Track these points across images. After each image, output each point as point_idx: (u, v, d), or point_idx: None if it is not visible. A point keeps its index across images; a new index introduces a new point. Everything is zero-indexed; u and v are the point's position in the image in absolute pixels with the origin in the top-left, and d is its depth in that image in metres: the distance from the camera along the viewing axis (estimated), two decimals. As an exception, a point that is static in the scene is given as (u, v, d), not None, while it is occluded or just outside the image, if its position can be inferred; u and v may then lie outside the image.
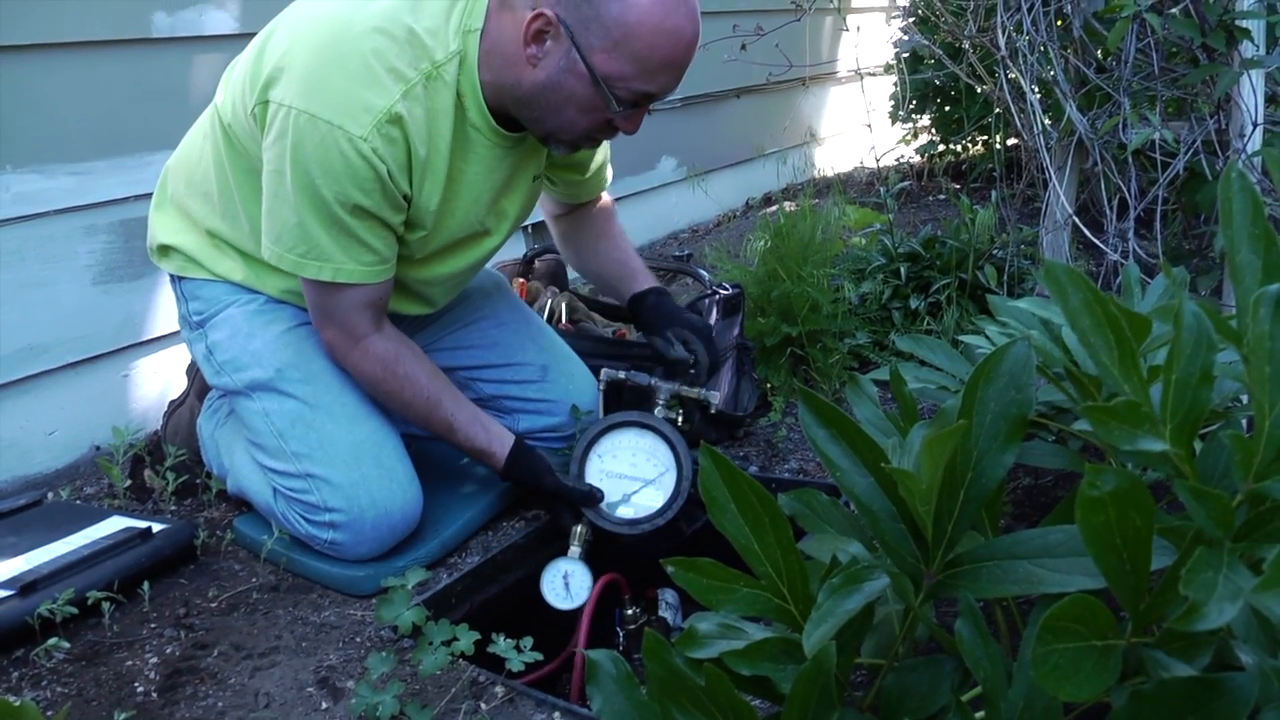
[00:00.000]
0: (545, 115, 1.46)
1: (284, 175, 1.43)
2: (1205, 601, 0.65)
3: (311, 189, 1.41)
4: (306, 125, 1.38)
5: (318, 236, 1.45)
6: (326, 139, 1.38)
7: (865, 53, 3.96)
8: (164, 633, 1.47)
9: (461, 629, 1.33)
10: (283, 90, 1.40)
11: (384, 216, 1.47)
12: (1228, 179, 0.82)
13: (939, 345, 1.45)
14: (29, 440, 2.07)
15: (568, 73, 1.40)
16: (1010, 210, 2.48)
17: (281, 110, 1.40)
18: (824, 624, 0.87)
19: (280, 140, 1.41)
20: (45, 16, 1.96)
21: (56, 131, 2.02)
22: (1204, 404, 0.73)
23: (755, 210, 4.09)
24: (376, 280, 1.52)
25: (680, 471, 1.62)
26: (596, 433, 1.66)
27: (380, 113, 1.39)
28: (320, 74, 1.39)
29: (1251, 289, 0.78)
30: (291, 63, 1.41)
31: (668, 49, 1.38)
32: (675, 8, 1.36)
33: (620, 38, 1.36)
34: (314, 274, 1.49)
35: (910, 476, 0.87)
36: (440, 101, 1.45)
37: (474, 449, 1.65)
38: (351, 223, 1.44)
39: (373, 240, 1.48)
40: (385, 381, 1.59)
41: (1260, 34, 1.79)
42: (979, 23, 2.39)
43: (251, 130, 1.49)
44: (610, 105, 1.42)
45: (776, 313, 2.17)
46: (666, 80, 1.42)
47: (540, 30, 1.38)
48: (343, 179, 1.40)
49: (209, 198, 1.65)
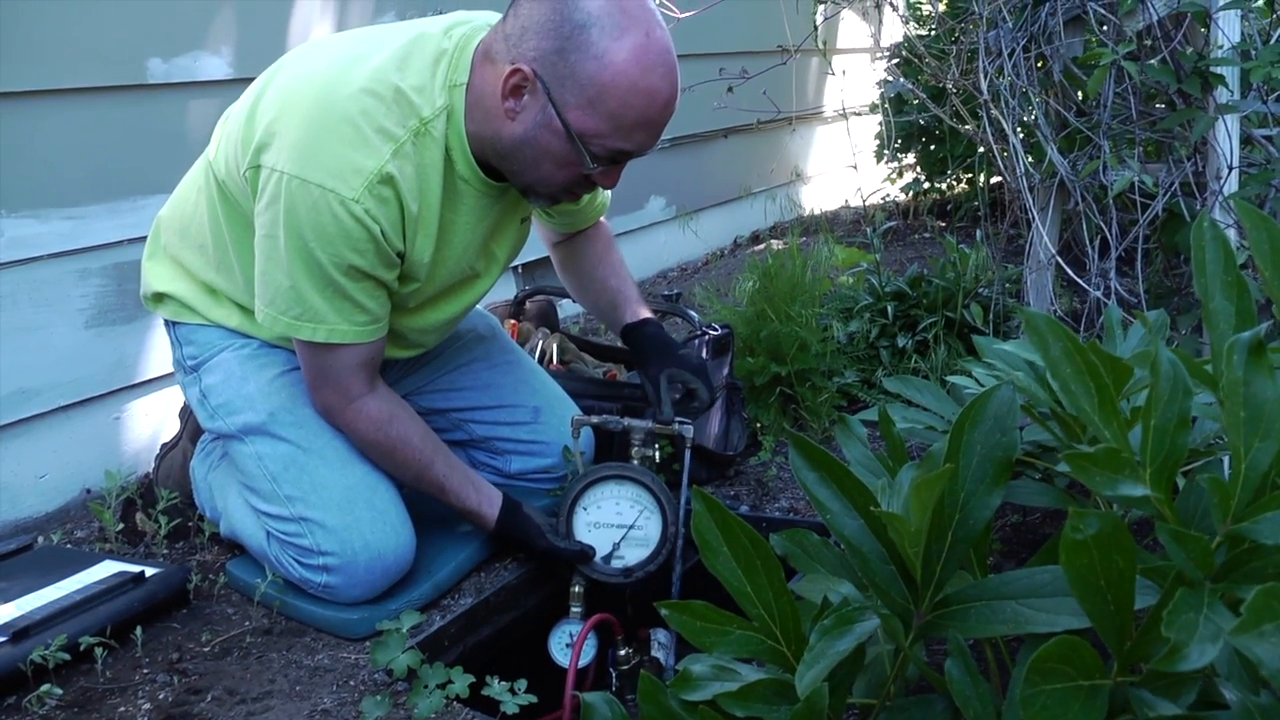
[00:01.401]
0: (523, 169, 1.48)
1: (277, 239, 1.44)
2: (1187, 642, 0.67)
3: (305, 252, 1.42)
4: (298, 190, 1.39)
5: (311, 299, 1.46)
6: (319, 203, 1.39)
7: (850, 93, 4.02)
8: (157, 678, 1.47)
9: (456, 671, 1.34)
10: (274, 155, 1.42)
11: (378, 275, 1.48)
12: (1199, 228, 0.85)
13: (926, 386, 1.47)
14: (20, 484, 2.07)
15: (544, 128, 1.41)
16: (995, 249, 2.51)
17: (274, 175, 1.41)
18: (816, 665, 0.89)
19: (273, 205, 1.42)
20: (42, 63, 1.99)
21: (51, 176, 2.04)
22: (1182, 448, 0.75)
23: (743, 249, 4.13)
24: (369, 340, 1.53)
25: (664, 515, 1.65)
26: (580, 488, 1.68)
27: (371, 174, 1.40)
28: (310, 138, 1.40)
29: (1225, 335, 0.80)
30: (282, 127, 1.42)
31: (643, 108, 1.38)
32: (652, 68, 1.36)
33: (595, 95, 1.36)
34: (308, 336, 1.50)
35: (899, 519, 0.89)
36: (429, 156, 1.47)
37: (464, 509, 1.66)
38: (345, 284, 1.46)
39: (366, 300, 1.49)
40: (379, 443, 1.61)
41: (1234, 80, 1.83)
42: (961, 66, 2.44)
43: (245, 190, 1.50)
44: (586, 162, 1.43)
45: (765, 352, 2.20)
46: (643, 139, 1.43)
47: (517, 85, 1.39)
48: (336, 241, 1.41)
49: (204, 250, 1.66)
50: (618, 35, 1.34)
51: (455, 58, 1.47)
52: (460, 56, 1.47)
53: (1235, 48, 1.82)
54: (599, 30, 1.34)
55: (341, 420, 1.60)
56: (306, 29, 2.47)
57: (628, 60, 1.35)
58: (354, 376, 1.56)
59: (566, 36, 1.34)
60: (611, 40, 1.34)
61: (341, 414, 1.60)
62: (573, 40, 1.34)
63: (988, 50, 2.11)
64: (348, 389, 1.57)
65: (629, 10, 1.36)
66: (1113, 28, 1.95)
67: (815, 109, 4.58)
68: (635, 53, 1.35)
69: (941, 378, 2.16)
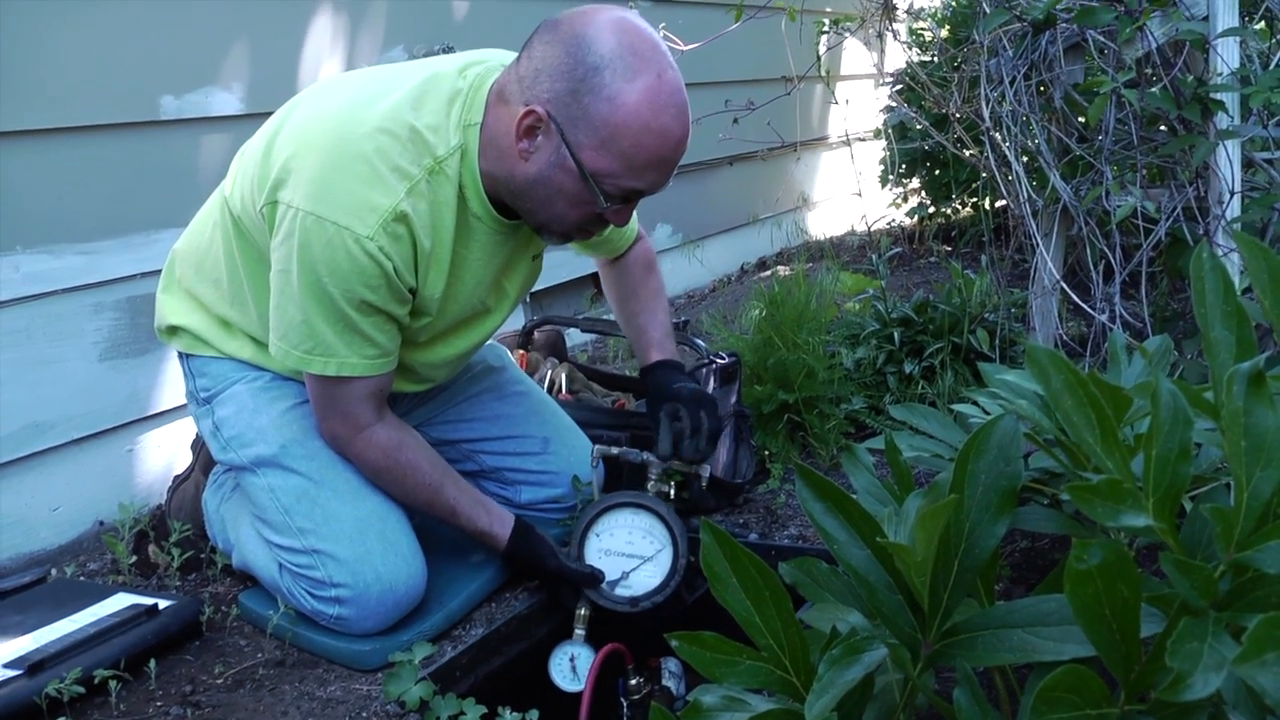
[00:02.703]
0: (537, 208, 1.50)
1: (291, 274, 1.46)
2: (1191, 672, 0.68)
3: (319, 288, 1.45)
4: (314, 226, 1.42)
5: (323, 333, 1.48)
6: (334, 239, 1.41)
7: (854, 120, 4.05)
8: (170, 711, 1.48)
9: (468, 703, 1.34)
10: (290, 192, 1.44)
11: (390, 310, 1.50)
12: (1198, 258, 0.86)
13: (932, 414, 1.48)
14: (34, 516, 2.08)
15: (557, 168, 1.43)
16: (1000, 274, 2.53)
17: (290, 211, 1.44)
18: (825, 695, 0.90)
19: (288, 240, 1.45)
20: (56, 101, 2.02)
21: (65, 212, 2.06)
22: (1184, 478, 0.76)
23: (750, 276, 4.15)
24: (379, 373, 1.55)
25: (676, 548, 1.65)
26: (594, 514, 1.69)
27: (386, 212, 1.42)
28: (326, 176, 1.43)
29: (1226, 365, 0.81)
30: (299, 164, 1.45)
31: (654, 148, 1.41)
32: (664, 108, 1.39)
33: (608, 136, 1.39)
34: (319, 370, 1.52)
35: (906, 550, 0.90)
36: (443, 194, 1.49)
37: (476, 531, 1.67)
38: (357, 319, 1.48)
39: (376, 334, 1.51)
40: (389, 470, 1.62)
41: (1234, 105, 1.85)
42: (963, 93, 2.46)
43: (261, 225, 1.53)
44: (599, 201, 1.45)
45: (773, 380, 2.21)
46: (655, 178, 1.46)
47: (531, 126, 1.42)
48: (350, 278, 1.43)
49: (218, 284, 1.69)
50: (630, 77, 1.37)
51: (470, 97, 1.50)
52: (474, 96, 1.50)
53: (1234, 73, 1.84)
54: (611, 72, 1.37)
55: (350, 449, 1.62)
56: (317, 65, 2.50)
57: (640, 101, 1.37)
58: (363, 406, 1.58)
59: (580, 79, 1.37)
60: (624, 82, 1.37)
61: (350, 443, 1.61)
62: (586, 82, 1.37)
63: (989, 77, 2.13)
64: (356, 419, 1.58)
65: (640, 52, 1.38)
66: (1112, 55, 1.97)
67: (819, 136, 4.61)
68: (647, 94, 1.38)
69: (948, 404, 2.17)
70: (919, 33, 3.87)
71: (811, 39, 3.11)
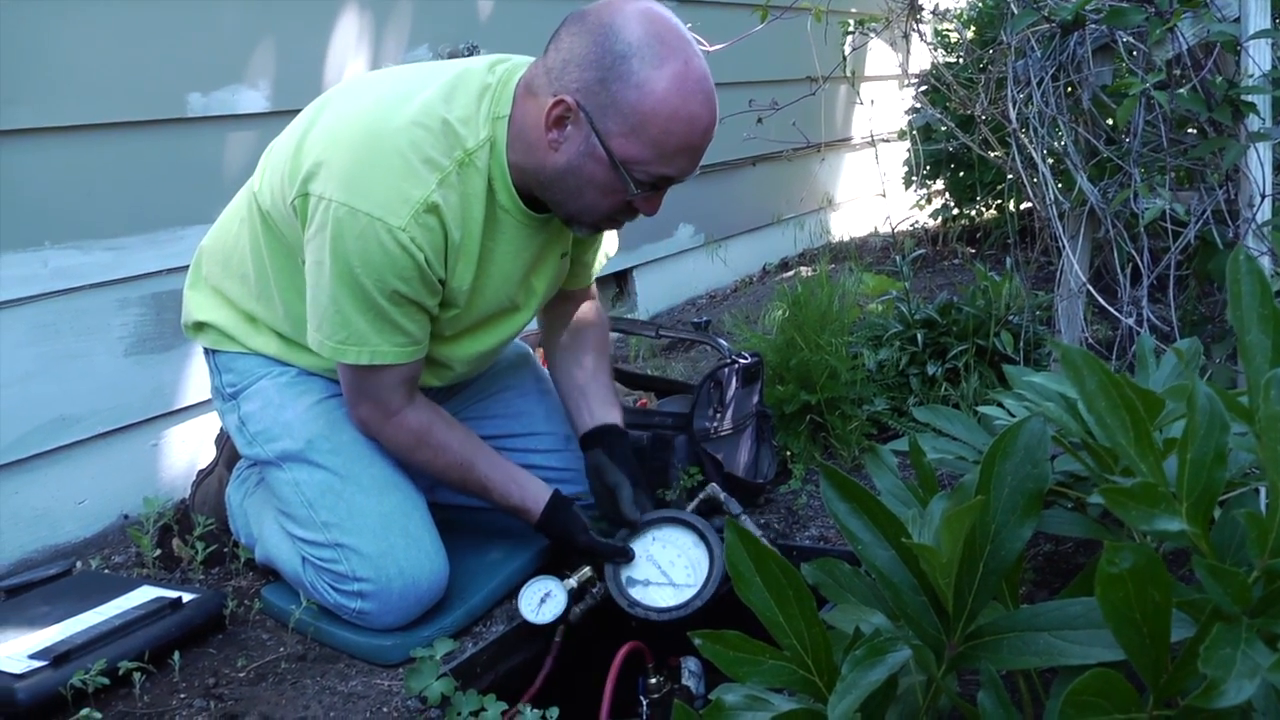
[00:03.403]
0: (567, 198, 1.51)
1: (324, 265, 1.47)
2: (1224, 679, 0.67)
3: (351, 278, 1.46)
4: (347, 217, 1.43)
5: (355, 322, 1.50)
6: (366, 230, 1.43)
7: (879, 120, 4.03)
8: (194, 703, 1.49)
9: (489, 699, 1.34)
10: (323, 184, 1.46)
11: (421, 300, 1.52)
12: (1235, 261, 0.85)
13: (957, 416, 1.47)
14: (60, 509, 2.10)
15: (587, 157, 1.45)
16: (1025, 276, 2.51)
17: (322, 203, 1.45)
18: (848, 695, 0.89)
19: (321, 232, 1.46)
20: (85, 99, 2.04)
21: (93, 208, 2.08)
22: (1218, 483, 0.75)
23: (772, 276, 4.14)
24: (409, 360, 1.56)
25: (701, 590, 1.59)
26: (667, 517, 1.66)
27: (418, 203, 1.44)
28: (359, 168, 1.44)
29: (1262, 369, 0.80)
30: (331, 157, 1.46)
31: (684, 134, 1.43)
32: (692, 94, 1.41)
33: (637, 123, 1.40)
34: (353, 359, 1.53)
35: (931, 551, 0.89)
36: (472, 186, 1.50)
37: (510, 507, 1.68)
38: (389, 308, 1.49)
39: (407, 324, 1.52)
40: (419, 450, 1.64)
41: (1266, 108, 1.83)
42: (989, 94, 2.45)
43: (290, 220, 1.54)
44: (629, 188, 1.47)
45: (795, 380, 2.20)
46: (684, 164, 1.47)
47: (560, 116, 1.43)
48: (382, 268, 1.45)
49: (245, 280, 1.70)
50: (658, 64, 1.38)
51: (498, 91, 1.52)
52: (503, 90, 1.51)
53: (1266, 75, 1.82)
54: (639, 60, 1.38)
55: (382, 434, 1.64)
56: (343, 62, 2.51)
57: (668, 88, 1.39)
58: (393, 393, 1.59)
59: (608, 67, 1.39)
60: (652, 69, 1.38)
61: (382, 428, 1.63)
62: (614, 70, 1.38)
63: (1016, 79, 2.11)
64: (387, 405, 1.60)
65: (667, 40, 1.40)
66: (1142, 56, 1.95)
67: (844, 137, 4.60)
68: (675, 80, 1.39)
69: (972, 406, 2.15)
70: (944, 34, 3.84)
71: (837, 40, 3.10)
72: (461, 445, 1.65)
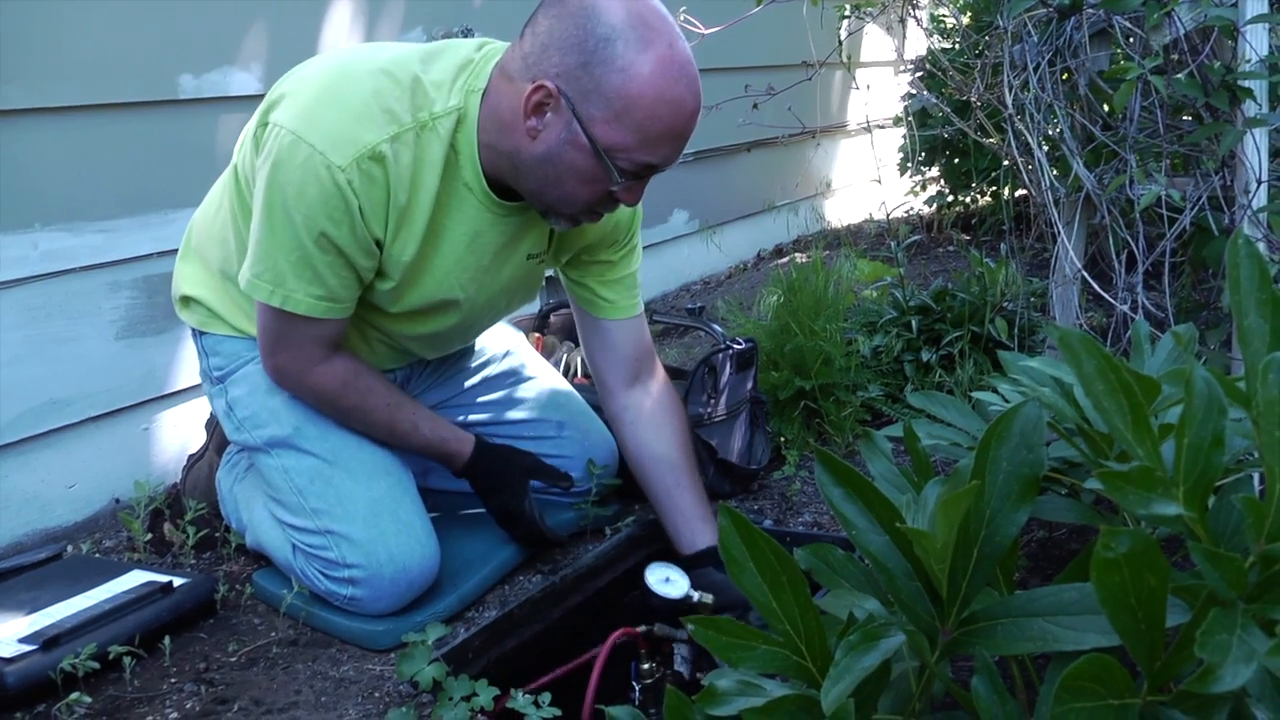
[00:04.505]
0: (545, 188, 1.46)
1: (260, 194, 1.46)
2: (1220, 664, 0.66)
3: (284, 210, 1.43)
4: (291, 145, 1.41)
5: (277, 260, 1.46)
6: (306, 163, 1.40)
7: (874, 106, 4.02)
8: (184, 687, 1.48)
9: (481, 684, 1.34)
10: (280, 113, 1.44)
11: (349, 255, 1.47)
12: (1234, 245, 0.85)
13: (951, 401, 1.46)
14: (50, 493, 2.09)
15: (568, 144, 1.40)
16: (1020, 263, 2.50)
17: (275, 130, 1.43)
18: (841, 681, 0.89)
19: (267, 160, 1.44)
20: (75, 79, 2.02)
21: (84, 190, 2.07)
22: (1216, 468, 0.74)
23: (767, 262, 4.13)
24: (323, 316, 1.52)
25: None
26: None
27: (364, 147, 1.40)
28: (318, 102, 1.42)
29: (1260, 353, 0.79)
30: (295, 90, 1.46)
31: (669, 120, 1.38)
32: (677, 79, 1.36)
33: (622, 109, 1.36)
34: (264, 297, 1.50)
35: (925, 536, 0.89)
36: (430, 153, 1.46)
37: (442, 447, 1.69)
38: (314, 252, 1.45)
39: (330, 276, 1.48)
40: (345, 396, 1.62)
41: (1262, 93, 1.82)
42: (986, 80, 2.44)
43: (256, 164, 1.51)
44: (612, 177, 1.42)
45: (789, 366, 2.19)
46: (668, 151, 1.42)
47: (540, 102, 1.39)
48: (313, 205, 1.41)
49: (225, 244, 1.67)
50: (642, 48, 1.34)
51: (479, 66, 1.49)
52: (483, 67, 1.49)
53: (1263, 61, 1.81)
54: (624, 43, 1.34)
55: (301, 385, 1.62)
56: (335, 43, 2.49)
57: (654, 72, 1.35)
58: (314, 346, 1.57)
59: (591, 50, 1.34)
60: (636, 53, 1.34)
61: (304, 377, 1.60)
62: (597, 54, 1.34)
63: (1013, 64, 2.10)
64: (309, 355, 1.58)
65: (650, 23, 1.36)
66: (1139, 41, 1.95)
67: (839, 123, 4.58)
68: (660, 64, 1.35)
69: (967, 392, 2.15)
70: (940, 19, 3.83)
71: (833, 24, 3.08)
72: (387, 389, 1.65)
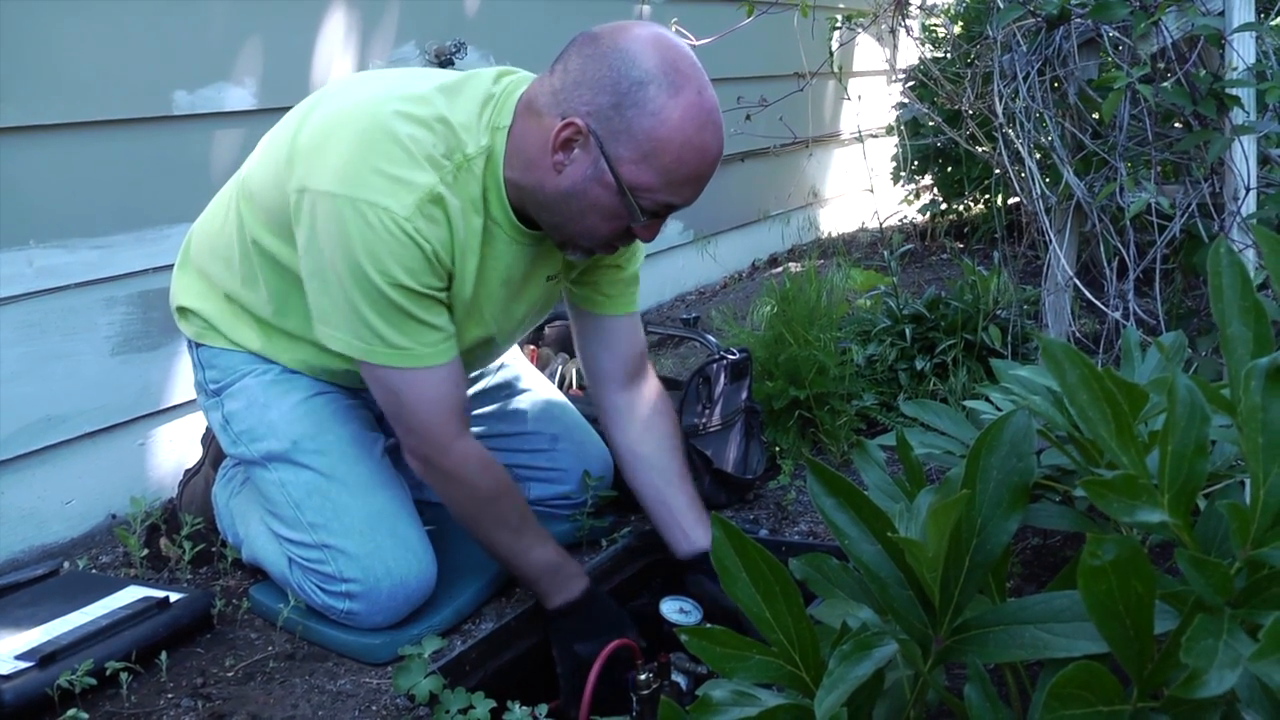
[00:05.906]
0: (567, 221, 1.47)
1: (325, 259, 1.43)
2: (1206, 669, 0.67)
3: (359, 272, 1.41)
4: (348, 209, 1.39)
5: (373, 322, 1.44)
6: (370, 220, 1.38)
7: (866, 116, 4.03)
8: (181, 703, 1.48)
9: (478, 697, 1.34)
10: (316, 179, 1.42)
11: (433, 293, 1.47)
12: (1216, 254, 0.86)
13: (944, 410, 1.47)
14: (46, 509, 2.09)
15: (594, 181, 1.40)
16: (1013, 271, 2.51)
17: (317, 199, 1.41)
18: (835, 690, 0.89)
19: (323, 230, 1.42)
20: (69, 96, 2.02)
21: (79, 207, 2.07)
22: (1200, 475, 0.75)
23: (761, 271, 4.14)
24: (445, 360, 1.50)
25: None
26: None
27: (422, 191, 1.40)
28: (359, 159, 1.40)
29: (1243, 361, 0.80)
30: (329, 149, 1.43)
31: (695, 164, 1.40)
32: (704, 126, 1.38)
33: (650, 150, 1.37)
34: (382, 360, 1.47)
35: (917, 545, 0.89)
36: (470, 192, 1.47)
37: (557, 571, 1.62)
38: (405, 303, 1.44)
39: (430, 317, 1.47)
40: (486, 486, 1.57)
41: (1250, 100, 1.84)
42: (976, 89, 2.45)
43: (280, 204, 1.50)
44: (634, 215, 1.43)
45: (784, 376, 2.20)
46: (690, 193, 1.44)
47: (569, 138, 1.39)
48: (387, 260, 1.40)
49: (229, 264, 1.67)
50: (674, 93, 1.36)
51: (501, 102, 1.48)
52: (505, 102, 1.48)
53: (1250, 69, 1.83)
54: (656, 87, 1.35)
55: (449, 463, 1.54)
56: (329, 59, 2.50)
57: (683, 117, 1.36)
58: (448, 411, 1.52)
59: (624, 92, 1.36)
60: (668, 97, 1.36)
61: (446, 456, 1.54)
62: (630, 96, 1.36)
63: (1003, 73, 2.12)
64: (446, 424, 1.53)
65: (682, 69, 1.38)
66: (1127, 50, 1.96)
67: (832, 132, 4.60)
68: (690, 110, 1.37)
69: (960, 401, 2.16)
70: (932, 29, 3.85)
71: (824, 35, 3.10)
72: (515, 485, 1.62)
